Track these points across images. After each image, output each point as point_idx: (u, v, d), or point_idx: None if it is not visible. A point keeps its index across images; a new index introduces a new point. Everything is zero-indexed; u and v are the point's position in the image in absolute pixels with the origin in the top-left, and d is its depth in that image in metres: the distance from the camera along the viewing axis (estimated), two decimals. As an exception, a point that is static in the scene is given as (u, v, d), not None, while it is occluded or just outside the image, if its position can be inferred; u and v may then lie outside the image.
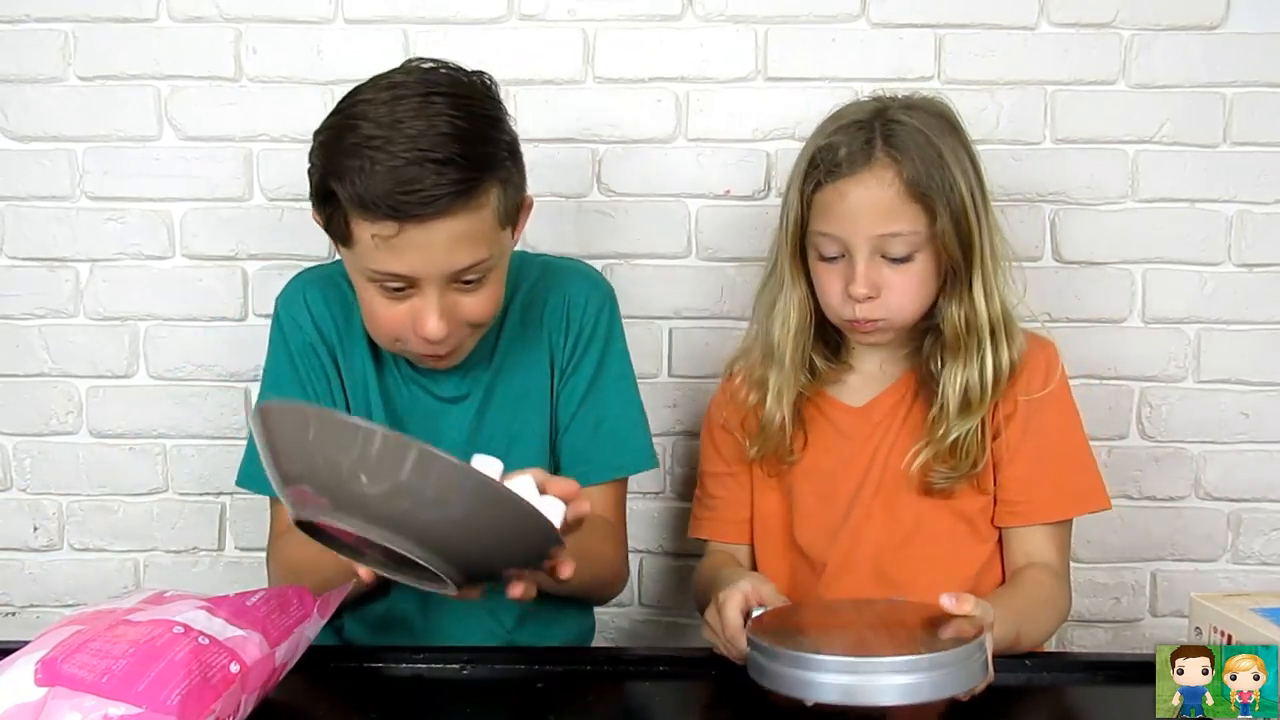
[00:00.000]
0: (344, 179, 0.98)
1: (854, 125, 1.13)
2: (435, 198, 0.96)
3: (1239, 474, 1.46)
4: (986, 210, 1.14)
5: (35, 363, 1.46)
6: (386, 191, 0.96)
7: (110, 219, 1.44)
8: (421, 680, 1.02)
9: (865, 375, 1.21)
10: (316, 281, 1.19)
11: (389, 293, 1.03)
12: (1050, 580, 1.14)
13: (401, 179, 0.96)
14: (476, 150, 0.99)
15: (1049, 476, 1.15)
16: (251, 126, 1.42)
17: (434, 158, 0.96)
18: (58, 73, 1.41)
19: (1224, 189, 1.42)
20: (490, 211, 1.02)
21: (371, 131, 0.98)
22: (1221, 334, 1.44)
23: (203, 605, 0.90)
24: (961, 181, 1.11)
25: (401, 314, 1.04)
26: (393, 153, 0.96)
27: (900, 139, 1.11)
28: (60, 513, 1.49)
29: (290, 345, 1.17)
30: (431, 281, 1.01)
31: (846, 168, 1.11)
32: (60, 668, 0.80)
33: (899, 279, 1.12)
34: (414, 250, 0.99)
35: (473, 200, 0.99)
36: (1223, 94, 1.40)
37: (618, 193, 1.43)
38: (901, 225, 1.11)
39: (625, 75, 1.41)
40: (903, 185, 1.10)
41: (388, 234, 0.98)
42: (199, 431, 1.47)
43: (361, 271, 1.03)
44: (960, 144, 1.14)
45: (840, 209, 1.12)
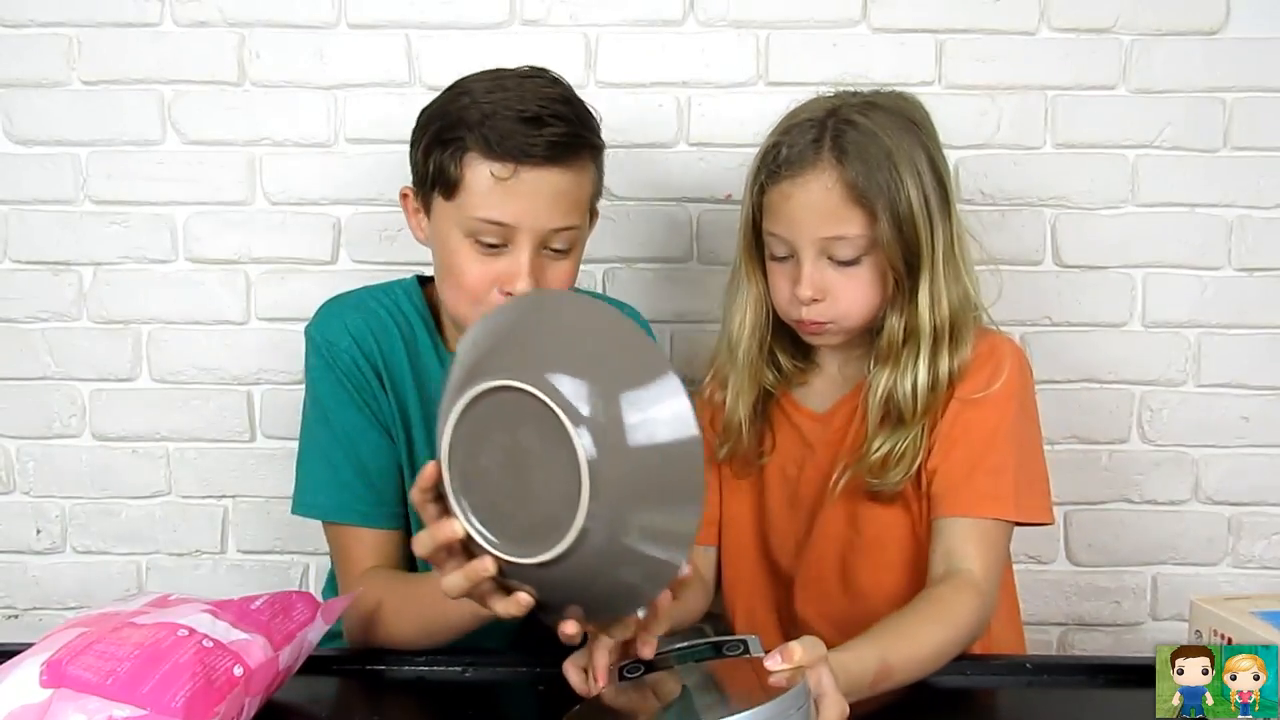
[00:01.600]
0: (472, 125, 1.05)
1: (806, 124, 1.10)
2: (553, 143, 1.05)
3: (1239, 478, 1.46)
4: (945, 214, 1.10)
5: (39, 365, 1.46)
6: (511, 131, 1.04)
7: (114, 222, 1.44)
8: (424, 682, 1.03)
9: (828, 378, 1.20)
10: (350, 306, 1.19)
11: (483, 249, 1.08)
12: (952, 595, 1.04)
13: (526, 122, 1.04)
14: (582, 115, 1.10)
15: (964, 470, 1.09)
16: (255, 130, 1.42)
17: (551, 112, 1.05)
18: (62, 77, 1.41)
19: (1224, 194, 1.42)
20: (589, 180, 1.11)
21: (486, 95, 1.07)
22: (1222, 338, 1.44)
23: (207, 609, 0.90)
24: (911, 185, 1.07)
25: (490, 271, 1.08)
26: (513, 105, 1.05)
27: (847, 140, 1.08)
28: (63, 515, 1.49)
29: (338, 367, 1.15)
30: (528, 235, 1.07)
31: (790, 168, 1.09)
32: (65, 669, 0.80)
33: (846, 282, 1.10)
34: (522, 197, 1.06)
35: (578, 160, 1.08)
36: (1223, 99, 1.40)
37: (619, 196, 1.44)
38: (844, 229, 1.08)
39: (627, 80, 1.41)
40: (844, 188, 1.07)
41: (504, 175, 1.05)
42: (201, 434, 1.47)
43: (462, 223, 1.08)
44: (919, 144, 1.10)
45: (785, 210, 1.10)
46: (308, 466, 1.17)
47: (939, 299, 1.10)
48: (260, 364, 1.46)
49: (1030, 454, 1.13)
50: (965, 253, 1.14)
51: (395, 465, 1.17)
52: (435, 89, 1.39)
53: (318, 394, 1.17)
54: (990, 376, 1.11)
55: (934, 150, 1.12)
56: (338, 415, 1.15)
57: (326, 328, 1.17)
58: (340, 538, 1.16)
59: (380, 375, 1.16)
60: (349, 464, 1.15)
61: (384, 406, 1.16)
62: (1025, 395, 1.14)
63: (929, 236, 1.09)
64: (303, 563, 1.50)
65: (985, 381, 1.11)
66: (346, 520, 1.15)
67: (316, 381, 1.17)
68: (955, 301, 1.11)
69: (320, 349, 1.16)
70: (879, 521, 1.14)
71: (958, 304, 1.11)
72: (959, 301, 1.11)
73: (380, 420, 1.16)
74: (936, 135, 1.14)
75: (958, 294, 1.11)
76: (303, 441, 1.19)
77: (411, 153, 1.13)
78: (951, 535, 1.08)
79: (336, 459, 1.15)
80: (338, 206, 1.43)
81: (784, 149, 1.10)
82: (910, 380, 1.10)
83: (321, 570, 1.50)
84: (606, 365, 0.77)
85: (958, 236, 1.12)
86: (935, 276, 1.10)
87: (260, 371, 1.46)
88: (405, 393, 1.17)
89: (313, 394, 1.18)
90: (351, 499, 1.15)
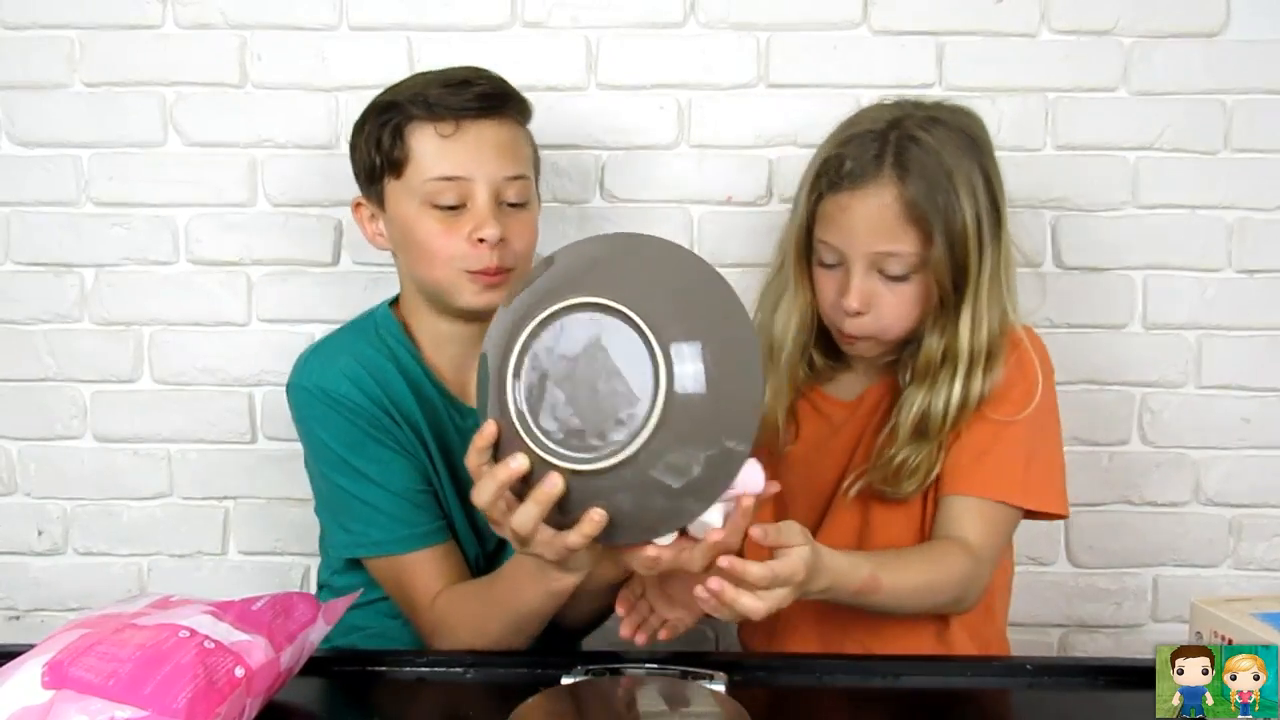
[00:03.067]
0: (406, 99, 1.13)
1: (867, 135, 1.10)
2: (484, 94, 1.13)
3: (1240, 479, 1.46)
4: (996, 236, 1.10)
5: (40, 367, 1.46)
6: (444, 93, 1.12)
7: (116, 224, 1.44)
8: (424, 684, 1.02)
9: (858, 370, 1.21)
10: (335, 352, 1.18)
11: (444, 212, 1.13)
12: (942, 546, 1.08)
13: (455, 88, 1.13)
14: (508, 86, 1.17)
15: (974, 454, 1.11)
16: (256, 133, 1.43)
17: (476, 74, 1.15)
18: (64, 79, 1.42)
19: (1224, 195, 1.42)
20: (524, 140, 1.18)
21: (413, 79, 1.18)
22: (1222, 339, 1.44)
23: (208, 610, 0.90)
24: (968, 207, 1.07)
25: (456, 230, 1.12)
26: (439, 77, 1.15)
27: (910, 157, 1.07)
28: (64, 516, 1.49)
29: (343, 412, 1.14)
30: (483, 185, 1.12)
31: (850, 180, 1.09)
32: (67, 670, 0.80)
33: (893, 296, 1.10)
34: (469, 148, 1.12)
35: (511, 114, 1.16)
36: (1223, 101, 1.40)
37: (620, 198, 1.44)
38: (899, 245, 1.08)
39: (628, 82, 1.42)
40: (903, 206, 1.07)
41: (448, 131, 1.12)
42: (203, 436, 1.47)
43: (417, 192, 1.13)
44: (978, 165, 1.09)
45: (840, 221, 1.10)
46: (348, 514, 1.15)
47: (980, 322, 1.10)
48: (261, 365, 1.46)
49: (1046, 443, 1.14)
50: (1011, 273, 1.13)
51: (426, 482, 1.17)
52: (436, 91, 1.40)
53: (325, 443, 1.15)
54: (1021, 397, 1.11)
55: (991, 170, 1.11)
56: (357, 456, 1.14)
57: (320, 378, 1.15)
58: (403, 570, 1.14)
59: (388, 410, 1.15)
60: (387, 496, 1.14)
61: (402, 435, 1.16)
62: (1050, 388, 1.15)
63: (978, 259, 1.09)
64: (304, 564, 1.50)
65: (1015, 405, 1.11)
66: (409, 548, 1.14)
67: (320, 431, 1.15)
68: (995, 326, 1.11)
69: (318, 399, 1.14)
70: (891, 525, 1.15)
71: (996, 326, 1.11)
72: (998, 323, 1.11)
73: (403, 447, 1.16)
74: (994, 153, 1.13)
75: (997, 315, 1.11)
76: (324, 494, 1.18)
77: (352, 157, 1.19)
78: (952, 510, 1.10)
79: (373, 496, 1.14)
80: (339, 208, 1.43)
81: (847, 160, 1.09)
82: (944, 400, 1.10)
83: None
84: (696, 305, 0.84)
85: (1005, 258, 1.12)
86: (979, 299, 1.10)
87: (261, 373, 1.46)
88: (415, 419, 1.17)
89: (319, 445, 1.16)
90: (404, 527, 1.14)
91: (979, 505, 1.10)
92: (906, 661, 1.04)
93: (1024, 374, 1.13)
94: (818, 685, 1.01)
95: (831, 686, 1.01)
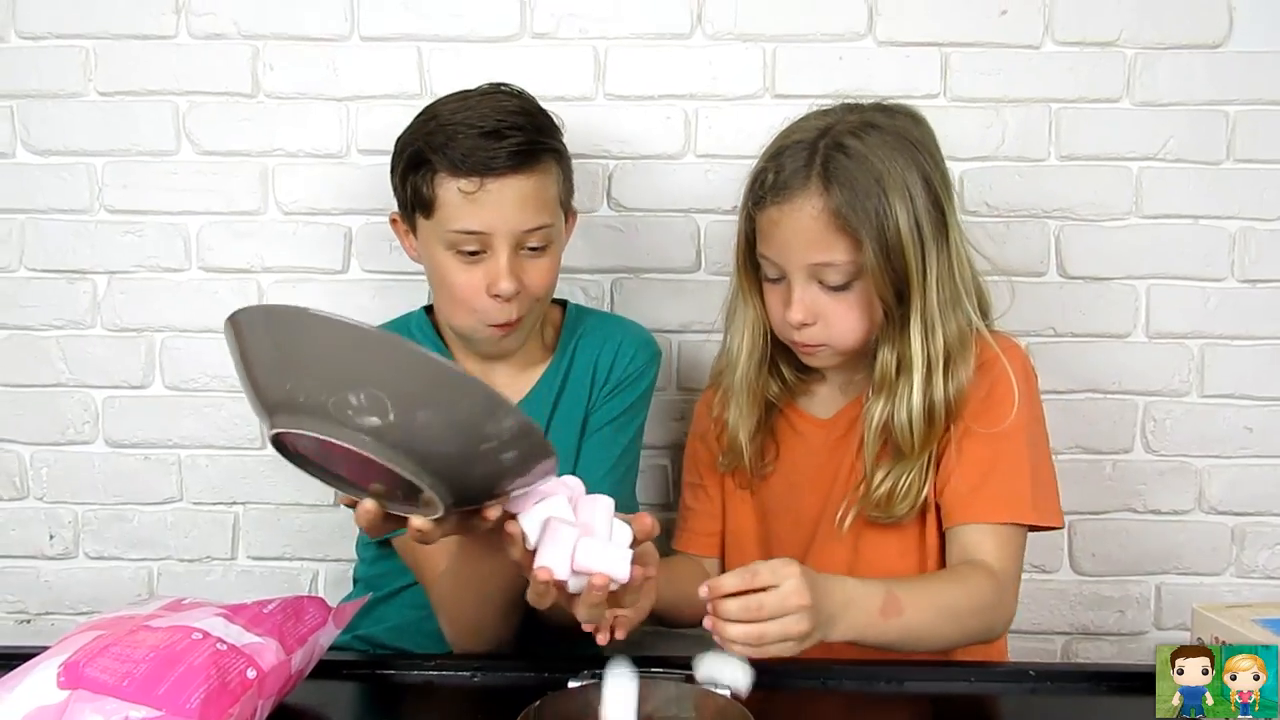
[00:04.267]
0: (436, 147, 1.14)
1: (796, 146, 1.09)
2: (510, 153, 1.13)
3: (1242, 488, 1.47)
4: (940, 238, 1.07)
5: (53, 373, 1.48)
6: (471, 150, 1.13)
7: (128, 232, 1.46)
8: (433, 687, 1.03)
9: (832, 384, 1.20)
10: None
11: (464, 257, 1.15)
12: (964, 569, 1.05)
13: (483, 140, 1.13)
14: (541, 125, 1.18)
15: (977, 477, 1.08)
16: (268, 142, 1.44)
17: (506, 125, 1.14)
18: (78, 88, 1.43)
19: (1227, 205, 1.43)
20: (553, 182, 1.18)
21: (452, 110, 1.17)
22: (1225, 349, 1.45)
23: (220, 612, 0.92)
24: (901, 212, 1.04)
25: (476, 278, 1.15)
26: (472, 122, 1.14)
27: (835, 165, 1.05)
28: (76, 521, 1.51)
29: None
30: (503, 239, 1.14)
31: (777, 193, 1.07)
32: (83, 671, 0.82)
33: (837, 306, 1.09)
34: (491, 206, 1.13)
35: (539, 165, 1.16)
36: (1226, 112, 1.41)
37: (627, 207, 1.45)
38: (832, 255, 1.06)
39: (635, 92, 1.43)
40: (830, 216, 1.05)
41: (471, 189, 1.13)
42: (213, 442, 1.49)
43: (441, 238, 1.16)
44: (915, 166, 1.07)
45: (774, 235, 1.09)
46: None
47: (933, 328, 1.08)
48: (271, 372, 1.47)
49: (1041, 455, 1.13)
50: (965, 275, 1.11)
51: None
52: (446, 101, 1.42)
53: None
54: (1000, 404, 1.09)
55: (932, 171, 1.09)
56: None
57: None
58: (416, 549, 1.16)
59: None
60: None
61: None
62: (1033, 397, 1.13)
63: (919, 264, 1.06)
64: (312, 569, 1.51)
65: (998, 414, 1.09)
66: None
67: None
68: (952, 330, 1.09)
69: None
70: (885, 551, 1.14)
71: (955, 332, 1.09)
72: (958, 328, 1.09)
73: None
74: (937, 153, 1.11)
75: (957, 321, 1.09)
76: None
77: (392, 179, 1.21)
78: (964, 539, 1.07)
79: None
80: (349, 216, 1.45)
81: (770, 174, 1.09)
82: (906, 411, 1.08)
83: (330, 576, 1.51)
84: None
85: (957, 260, 1.10)
86: (928, 304, 1.07)
87: (271, 379, 1.47)
88: None
89: None
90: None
91: (991, 531, 1.07)
92: (910, 667, 1.05)
93: (1001, 380, 1.11)
94: (822, 690, 1.02)
95: (836, 691, 1.01)
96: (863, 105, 1.14)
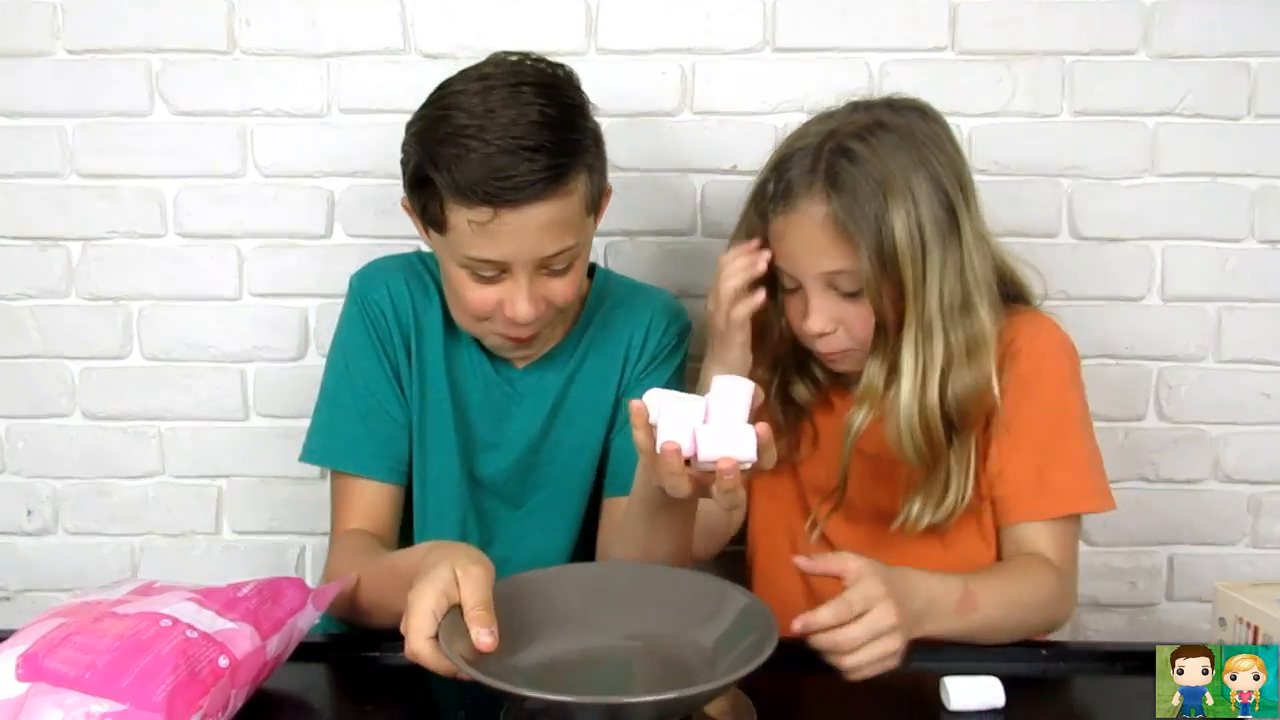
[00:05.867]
0: (441, 167, 1.02)
1: (801, 153, 1.06)
2: (529, 183, 1.00)
3: (1259, 456, 1.43)
4: (947, 242, 1.04)
5: (27, 344, 1.43)
6: (482, 178, 1.00)
7: (102, 196, 1.40)
8: (418, 670, 0.99)
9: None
10: (396, 267, 1.21)
11: (480, 279, 1.07)
12: (1025, 560, 1.06)
13: (496, 166, 1.00)
14: (566, 138, 1.03)
15: (1032, 470, 1.07)
16: (245, 101, 1.38)
17: (526, 145, 1.00)
18: (46, 46, 1.37)
19: (1247, 163, 1.37)
20: (578, 198, 1.06)
21: (465, 121, 1.02)
22: (1243, 312, 1.40)
23: (192, 597, 0.88)
24: (899, 218, 1.01)
25: (490, 297, 1.08)
26: (487, 140, 1.00)
27: (838, 171, 1.03)
28: (54, 496, 1.46)
29: (368, 316, 1.18)
30: (522, 267, 1.05)
31: (782, 203, 1.06)
32: (42, 663, 0.78)
33: (856, 312, 1.06)
34: (507, 236, 1.03)
35: (562, 187, 1.03)
36: (1247, 64, 1.36)
37: (621, 167, 1.39)
38: (841, 263, 1.04)
39: (629, 46, 1.37)
40: (833, 224, 1.03)
41: (483, 220, 1.02)
42: (194, 414, 1.44)
43: (454, 258, 1.07)
44: (923, 167, 1.03)
45: (783, 246, 1.08)
46: (318, 413, 1.20)
47: (930, 335, 1.04)
48: (254, 341, 1.43)
49: (1090, 440, 1.12)
50: (980, 275, 1.07)
51: (405, 422, 1.18)
52: (431, 57, 1.36)
53: (342, 338, 1.19)
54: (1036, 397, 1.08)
55: (941, 169, 1.05)
56: (356, 362, 1.17)
57: (368, 280, 1.19)
58: (339, 487, 1.18)
59: (408, 340, 1.17)
60: (356, 410, 1.16)
61: (404, 369, 1.17)
62: (1076, 380, 1.12)
63: (917, 271, 1.03)
64: (299, 544, 1.48)
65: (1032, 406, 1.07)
66: (342, 467, 1.17)
67: (344, 326, 1.20)
68: (958, 336, 1.05)
69: (357, 296, 1.19)
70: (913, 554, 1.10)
71: (961, 339, 1.05)
72: (965, 334, 1.05)
73: (398, 377, 1.17)
74: (950, 147, 1.07)
75: (964, 326, 1.05)
76: (320, 389, 1.21)
77: (403, 171, 1.10)
78: (1021, 535, 1.08)
79: (345, 403, 1.17)
80: (332, 179, 1.40)
81: (772, 184, 1.08)
82: (895, 425, 1.05)
83: (317, 550, 1.47)
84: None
85: (968, 260, 1.05)
86: (926, 312, 1.04)
87: (254, 349, 1.43)
88: (432, 362, 1.18)
89: (338, 339, 1.20)
90: (349, 446, 1.16)
91: (1047, 526, 1.08)
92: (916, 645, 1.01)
93: (1036, 368, 1.09)
94: (825, 669, 0.98)
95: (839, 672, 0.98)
96: (871, 103, 1.10)
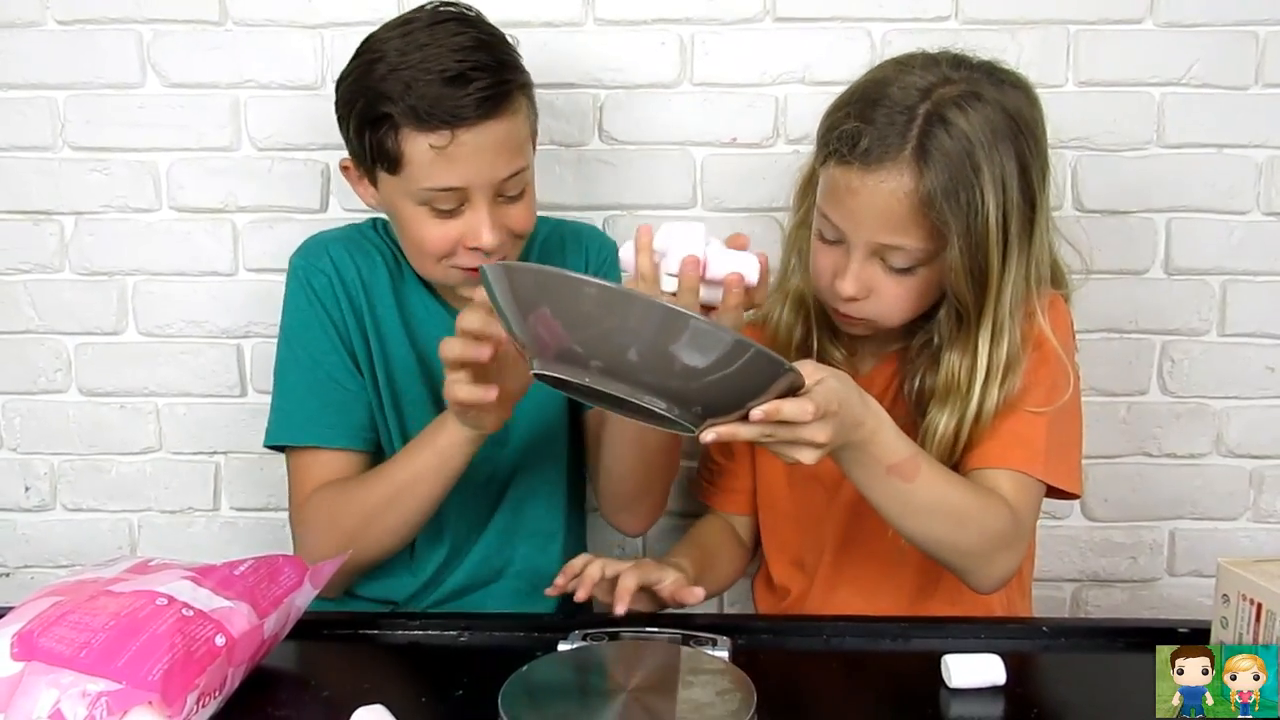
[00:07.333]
0: (394, 99, 1.03)
1: (893, 106, 0.97)
2: (483, 98, 1.03)
3: (1262, 431, 1.42)
4: (1025, 239, 0.99)
5: (22, 319, 1.42)
6: (437, 98, 1.02)
7: (94, 170, 1.39)
8: (418, 648, 1.00)
9: (871, 341, 1.14)
10: (334, 238, 1.21)
11: (439, 213, 1.07)
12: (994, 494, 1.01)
13: (451, 86, 1.02)
14: (502, 59, 1.07)
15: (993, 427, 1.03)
16: (238, 73, 1.36)
17: (470, 65, 1.03)
18: (35, 16, 1.35)
19: (1254, 134, 1.36)
20: (523, 119, 1.09)
21: (400, 58, 1.04)
22: (1248, 285, 1.39)
23: (188, 575, 0.87)
24: (993, 207, 0.95)
25: (451, 232, 1.08)
26: (429, 68, 1.02)
27: (935, 142, 0.95)
28: (52, 472, 1.46)
29: (312, 289, 1.16)
30: (482, 191, 1.06)
31: (864, 158, 0.97)
32: (37, 641, 0.77)
33: (893, 287, 1.02)
34: (465, 159, 1.04)
35: (510, 104, 1.06)
36: (1255, 33, 1.33)
37: (620, 140, 1.38)
38: (906, 240, 0.98)
39: (627, 16, 1.35)
40: (919, 199, 0.96)
41: (442, 144, 1.03)
42: (190, 389, 1.43)
43: (412, 194, 1.07)
44: (1017, 155, 0.97)
45: (847, 200, 0.99)
46: (273, 398, 1.19)
47: (1000, 335, 1.01)
48: (250, 316, 1.41)
49: (1065, 418, 1.07)
50: (1042, 274, 1.04)
51: (359, 390, 1.17)
52: (425, 27, 1.33)
53: (286, 319, 1.18)
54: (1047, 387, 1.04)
55: (1032, 160, 0.99)
56: (302, 337, 1.16)
57: (309, 254, 1.19)
58: (296, 465, 1.15)
59: (358, 307, 1.17)
60: (304, 384, 1.15)
61: (356, 338, 1.17)
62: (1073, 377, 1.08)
63: (999, 266, 0.98)
64: (298, 520, 1.47)
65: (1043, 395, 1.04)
66: (300, 441, 1.15)
67: (288, 307, 1.18)
68: (1017, 337, 1.02)
69: (298, 273, 1.18)
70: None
71: (1018, 339, 1.02)
72: (1019, 331, 1.02)
73: (347, 347, 1.16)
74: (1043, 138, 1.01)
75: (1021, 325, 1.02)
76: (274, 374, 1.20)
77: (341, 127, 1.11)
78: (981, 480, 1.03)
79: (293, 380, 1.16)
80: (326, 152, 1.37)
81: (857, 130, 0.97)
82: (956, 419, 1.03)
83: (317, 527, 1.46)
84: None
85: (1038, 260, 1.02)
86: (1000, 310, 1.00)
87: (250, 324, 1.42)
88: (387, 323, 1.17)
89: (282, 321, 1.19)
90: (304, 419, 1.15)
91: (1005, 474, 1.03)
92: (915, 624, 1.01)
93: (1050, 359, 1.05)
94: (824, 649, 0.98)
95: (839, 650, 0.98)
96: (971, 62, 1.02)
